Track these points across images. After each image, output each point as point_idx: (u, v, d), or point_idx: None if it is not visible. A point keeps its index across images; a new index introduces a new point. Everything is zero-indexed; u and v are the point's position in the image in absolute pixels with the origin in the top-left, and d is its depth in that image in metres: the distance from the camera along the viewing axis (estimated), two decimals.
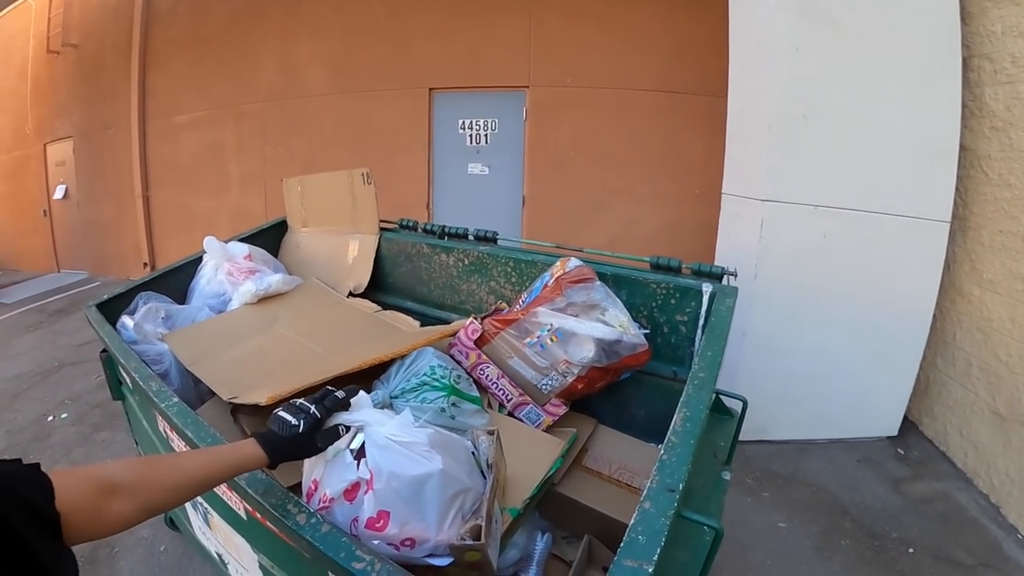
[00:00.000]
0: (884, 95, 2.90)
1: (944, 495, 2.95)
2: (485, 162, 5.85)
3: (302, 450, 1.09)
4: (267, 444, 1.04)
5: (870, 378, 3.26)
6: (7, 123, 9.83)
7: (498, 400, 1.82)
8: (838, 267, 3.10)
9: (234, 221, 6.81)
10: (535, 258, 2.07)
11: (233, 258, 2.43)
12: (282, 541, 1.18)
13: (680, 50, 5.14)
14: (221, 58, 6.90)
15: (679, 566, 1.22)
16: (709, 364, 1.34)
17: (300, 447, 1.08)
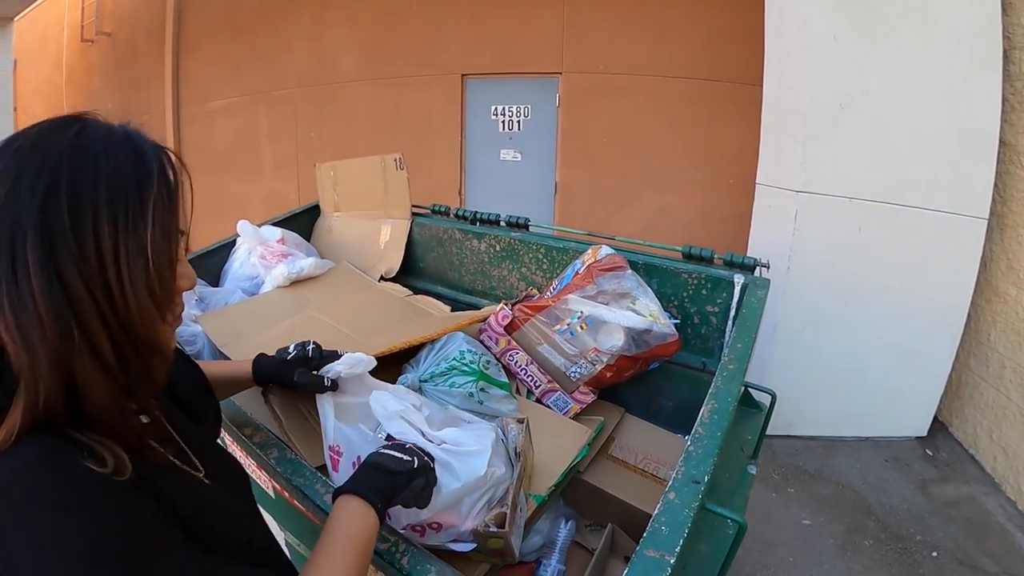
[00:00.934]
0: (922, 86, 2.84)
1: (971, 499, 2.90)
2: (518, 148, 5.85)
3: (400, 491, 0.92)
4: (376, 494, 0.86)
5: (901, 376, 3.22)
6: (43, 110, 10.02)
7: (527, 386, 1.82)
8: (872, 261, 3.05)
9: (267, 205, 6.89)
10: (567, 245, 2.06)
11: (266, 241, 2.45)
12: (308, 520, 1.20)
13: (715, 37, 5.08)
14: (254, 45, 6.97)
15: (701, 559, 1.22)
16: (739, 356, 1.33)
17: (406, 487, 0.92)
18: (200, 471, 0.77)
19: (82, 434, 0.60)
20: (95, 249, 0.58)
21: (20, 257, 0.56)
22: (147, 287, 0.62)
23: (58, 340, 0.57)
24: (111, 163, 0.61)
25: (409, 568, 0.92)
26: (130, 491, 0.60)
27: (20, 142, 0.60)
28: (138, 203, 0.61)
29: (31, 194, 0.57)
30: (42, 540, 0.54)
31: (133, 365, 0.63)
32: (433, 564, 0.93)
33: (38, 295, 0.56)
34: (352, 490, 0.85)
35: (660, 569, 0.78)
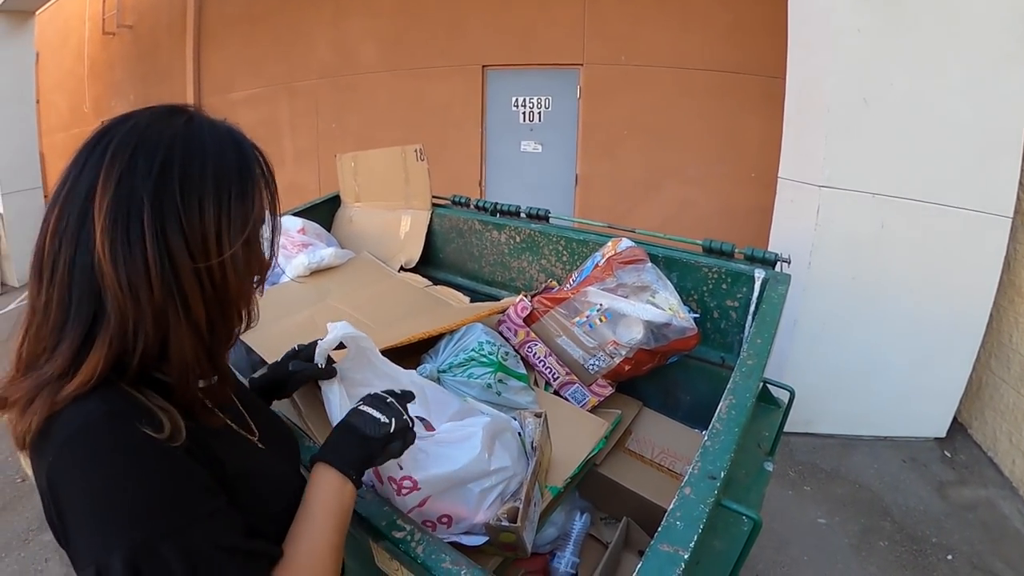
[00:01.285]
0: (947, 81, 2.79)
1: (988, 503, 2.87)
2: (538, 140, 5.84)
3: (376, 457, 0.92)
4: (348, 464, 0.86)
5: (921, 376, 3.18)
6: (65, 102, 10.16)
7: (545, 378, 1.83)
8: (895, 259, 3.02)
9: (288, 195, 6.83)
10: (587, 237, 2.06)
11: (287, 231, 2.47)
12: None
13: (737, 29, 5.04)
14: (274, 36, 7.00)
15: (715, 555, 1.22)
16: (758, 352, 1.32)
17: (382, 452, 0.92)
18: (255, 435, 0.85)
19: (147, 397, 0.67)
20: (200, 226, 0.66)
21: (135, 222, 0.63)
22: (243, 263, 0.72)
23: (162, 300, 0.65)
24: (216, 153, 0.70)
25: (424, 557, 0.93)
26: (181, 458, 0.66)
27: (136, 120, 0.68)
28: (240, 189, 0.71)
29: (147, 170, 0.64)
30: (93, 495, 0.60)
31: (219, 329, 0.73)
32: (448, 553, 0.93)
33: (150, 259, 0.63)
34: (327, 460, 0.85)
35: (674, 564, 0.78)
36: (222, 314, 0.72)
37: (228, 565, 0.65)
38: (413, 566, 0.96)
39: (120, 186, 0.63)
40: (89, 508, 0.60)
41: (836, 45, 2.86)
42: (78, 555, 0.61)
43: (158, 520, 0.61)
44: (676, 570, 0.78)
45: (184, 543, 0.61)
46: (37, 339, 0.66)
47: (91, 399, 0.63)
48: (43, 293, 0.65)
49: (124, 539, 0.59)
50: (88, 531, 0.60)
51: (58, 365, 0.64)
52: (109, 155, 0.65)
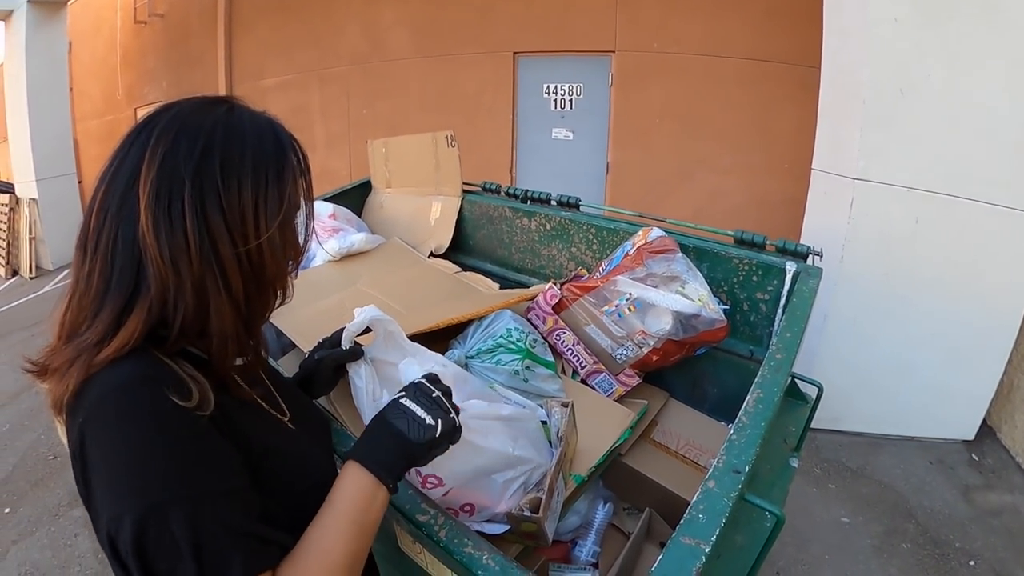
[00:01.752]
0: (985, 74, 2.71)
1: (1014, 509, 2.82)
2: (569, 127, 5.82)
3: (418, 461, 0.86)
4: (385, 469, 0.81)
5: (951, 376, 3.13)
6: (99, 90, 10.33)
7: (572, 366, 1.83)
8: (928, 255, 2.96)
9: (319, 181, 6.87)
10: (617, 226, 2.05)
11: (318, 216, 2.49)
12: None
13: (772, 16, 4.95)
14: (305, 23, 7.05)
15: (736, 549, 1.21)
16: (787, 346, 1.31)
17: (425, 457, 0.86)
18: (286, 415, 0.88)
19: (180, 367, 0.70)
20: (239, 205, 0.71)
21: (176, 199, 0.68)
22: (279, 243, 0.76)
23: (200, 270, 0.69)
24: (255, 139, 0.74)
25: (447, 541, 0.93)
26: (206, 428, 0.68)
27: (179, 107, 0.73)
28: (277, 174, 0.75)
29: (189, 152, 0.69)
30: (117, 455, 0.63)
31: (255, 303, 0.77)
32: (470, 538, 0.94)
33: (190, 233, 0.68)
34: (361, 460, 0.80)
35: (695, 557, 0.78)
36: (258, 289, 0.76)
37: (233, 547, 0.65)
38: (436, 550, 0.97)
39: (163, 165, 0.67)
40: (112, 467, 0.63)
41: (872, 35, 2.80)
42: (97, 514, 0.63)
43: (173, 488, 0.62)
44: (697, 563, 0.78)
45: (194, 515, 0.63)
46: (80, 308, 0.70)
47: (126, 363, 0.67)
48: (87, 263, 0.69)
49: (137, 501, 0.61)
50: (108, 490, 0.63)
51: (98, 331, 0.67)
52: (154, 138, 0.69)
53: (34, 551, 2.80)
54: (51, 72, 7.81)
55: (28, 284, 7.40)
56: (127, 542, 0.60)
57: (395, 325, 1.16)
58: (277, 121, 0.80)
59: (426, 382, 0.90)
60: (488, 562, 0.89)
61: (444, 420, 0.85)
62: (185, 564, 0.61)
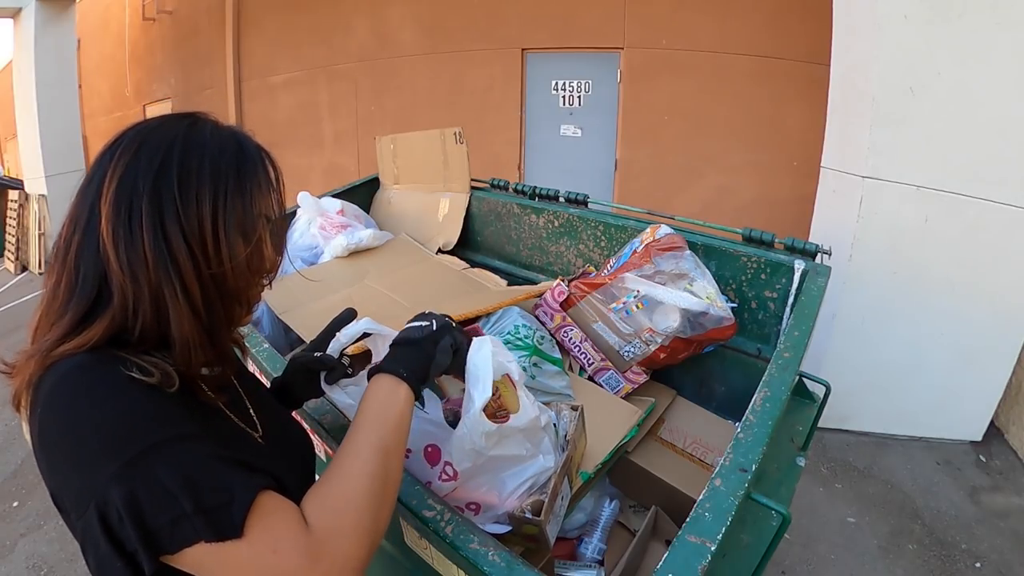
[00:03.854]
0: (995, 72, 2.68)
1: (1021, 511, 2.81)
2: (578, 124, 5.82)
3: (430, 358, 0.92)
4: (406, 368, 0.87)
5: (959, 377, 3.11)
6: (107, 87, 10.39)
7: (579, 363, 1.83)
8: (938, 255, 2.94)
9: (327, 177, 7.02)
10: (625, 223, 2.05)
11: (326, 213, 2.50)
12: None
13: (781, 13, 4.93)
14: (314, 20, 7.06)
15: (742, 548, 1.20)
16: (795, 344, 1.31)
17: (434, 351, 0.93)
18: (258, 431, 0.86)
19: (140, 358, 0.70)
20: (196, 214, 0.72)
21: (135, 212, 0.69)
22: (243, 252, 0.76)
23: (157, 279, 0.70)
24: (216, 150, 0.75)
25: (452, 537, 0.93)
26: (164, 393, 0.68)
27: (145, 124, 0.75)
28: (237, 185, 0.75)
29: (149, 164, 0.71)
30: (78, 432, 0.62)
31: (217, 311, 0.76)
32: (476, 534, 0.93)
33: (147, 242, 0.69)
34: (379, 368, 0.88)
35: (700, 555, 0.78)
36: (221, 299, 0.76)
37: (227, 471, 0.65)
38: (441, 546, 0.97)
39: (124, 179, 0.70)
40: (80, 442, 0.62)
41: (882, 32, 2.78)
42: (76, 504, 0.61)
43: (147, 437, 0.62)
44: (702, 562, 0.78)
45: (176, 455, 0.62)
46: (47, 316, 0.72)
47: (79, 355, 0.68)
48: (55, 274, 0.73)
49: (115, 464, 0.59)
50: (81, 467, 0.61)
51: (58, 332, 0.69)
52: (118, 153, 0.72)
53: (42, 544, 2.81)
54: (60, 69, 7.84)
55: (37, 280, 7.43)
56: (119, 509, 0.58)
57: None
58: (245, 134, 0.81)
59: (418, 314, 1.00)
60: (494, 558, 0.89)
61: (437, 320, 0.97)
62: (185, 506, 0.60)
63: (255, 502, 0.64)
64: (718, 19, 5.14)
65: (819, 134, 3.41)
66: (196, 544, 0.60)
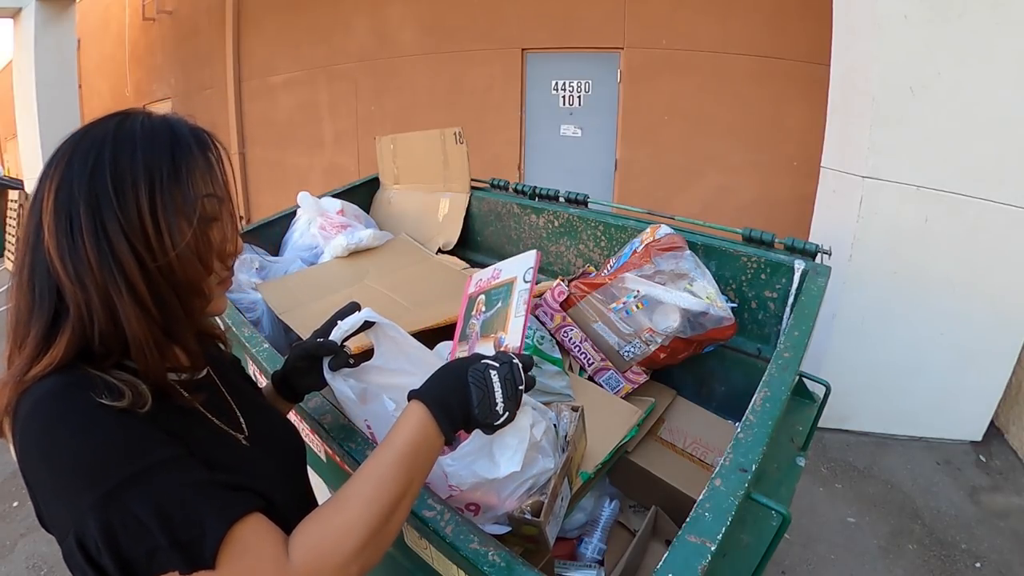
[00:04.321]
0: (996, 72, 2.68)
1: (1021, 511, 2.81)
2: (578, 124, 5.81)
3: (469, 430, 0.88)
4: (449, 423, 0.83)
5: (959, 377, 3.11)
6: (107, 87, 10.40)
7: (579, 363, 1.83)
8: (938, 255, 2.94)
9: (327, 177, 7.02)
10: (625, 223, 2.05)
11: (326, 213, 2.50)
12: None
13: (781, 13, 4.92)
14: (314, 20, 7.05)
15: (742, 548, 1.20)
16: (795, 344, 1.31)
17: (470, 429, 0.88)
18: (243, 432, 0.86)
19: (110, 374, 0.70)
20: (135, 206, 0.70)
21: (75, 217, 0.69)
22: (187, 238, 0.73)
23: (103, 281, 0.69)
24: (147, 140, 0.73)
25: (452, 537, 0.93)
26: (139, 417, 0.68)
27: (74, 132, 0.74)
28: (173, 167, 0.73)
29: (82, 169, 0.70)
30: (54, 462, 0.63)
31: (171, 305, 0.74)
32: (476, 534, 0.93)
33: (88, 246, 0.69)
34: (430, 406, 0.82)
35: (700, 555, 0.78)
36: (175, 293, 0.74)
37: (200, 503, 0.64)
38: (441, 546, 0.97)
39: (60, 191, 0.70)
40: (57, 471, 0.63)
41: (882, 32, 2.78)
42: (57, 528, 0.64)
43: (121, 470, 0.62)
44: (702, 562, 0.78)
45: (150, 488, 0.63)
46: (14, 339, 0.72)
47: (53, 376, 0.68)
48: (14, 297, 0.73)
49: (91, 496, 0.61)
50: (60, 496, 0.63)
51: (26, 355, 0.69)
52: (54, 166, 0.71)
53: (42, 544, 2.81)
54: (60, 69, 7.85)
55: None
56: (96, 539, 0.60)
57: (396, 330, 1.12)
58: (178, 119, 0.78)
59: (521, 368, 0.89)
60: (494, 558, 0.89)
61: (510, 416, 0.86)
62: (159, 540, 0.61)
63: (228, 535, 0.64)
64: (718, 19, 5.14)
65: (819, 134, 3.41)
66: (171, 574, 0.62)
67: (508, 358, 0.89)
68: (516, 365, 0.89)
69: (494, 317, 1.08)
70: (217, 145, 0.80)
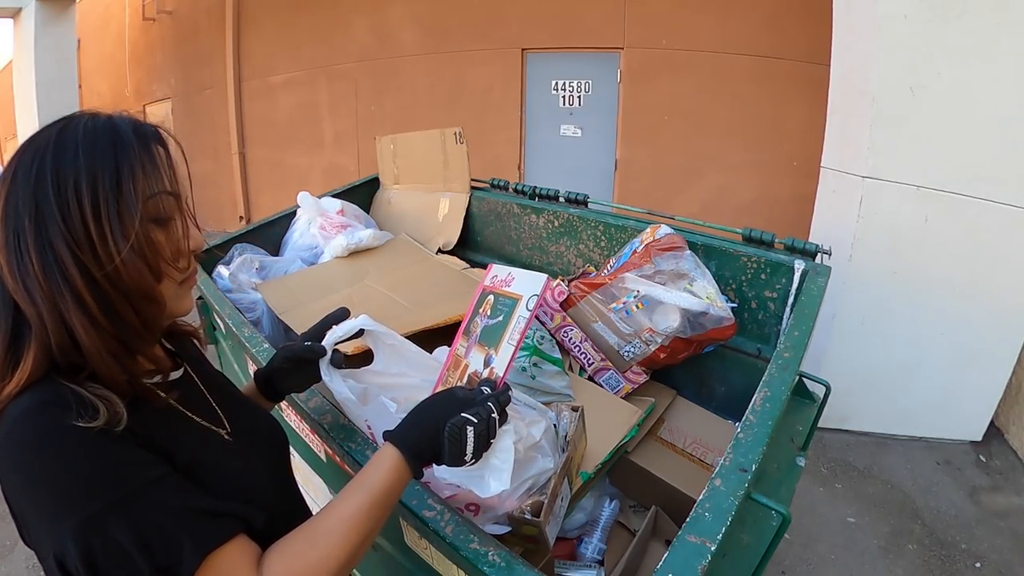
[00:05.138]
0: (996, 72, 2.68)
1: (1021, 511, 2.80)
2: (578, 124, 5.82)
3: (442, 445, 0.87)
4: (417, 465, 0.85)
5: (959, 377, 3.11)
6: (107, 86, 10.40)
7: (579, 363, 1.83)
8: (937, 255, 2.94)
9: (327, 177, 7.02)
10: (625, 223, 2.05)
11: (326, 213, 2.50)
12: None
13: (781, 13, 4.92)
14: (314, 20, 7.06)
15: (742, 548, 1.20)
16: (795, 344, 1.31)
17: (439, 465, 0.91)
18: (226, 428, 0.86)
19: (85, 388, 0.68)
20: (78, 213, 0.68)
21: (20, 230, 0.68)
22: (134, 242, 0.71)
23: (51, 294, 0.67)
24: (88, 141, 0.70)
25: (452, 537, 0.93)
26: (117, 438, 0.67)
27: (21, 145, 0.72)
28: (115, 169, 0.70)
29: (25, 182, 0.68)
30: (33, 486, 0.63)
31: (124, 314, 0.72)
32: (476, 535, 0.93)
33: (35, 259, 0.67)
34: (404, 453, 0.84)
35: (700, 555, 0.78)
36: (127, 300, 0.72)
37: (179, 531, 0.65)
38: (442, 546, 0.96)
39: (7, 205, 0.69)
40: (36, 496, 0.63)
41: (882, 32, 2.77)
42: (38, 549, 0.65)
43: (101, 495, 0.62)
44: (702, 562, 0.78)
45: (130, 514, 0.63)
46: None
47: (26, 394, 0.67)
48: None
49: (71, 521, 0.61)
50: (40, 519, 0.63)
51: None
52: (1, 179, 0.70)
53: None
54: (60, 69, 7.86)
55: None
56: (76, 563, 0.61)
57: (394, 337, 1.13)
58: (123, 118, 0.75)
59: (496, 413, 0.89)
60: (494, 558, 0.89)
61: (475, 458, 0.87)
62: (140, 565, 0.62)
63: (204, 562, 0.66)
64: (718, 19, 5.14)
65: (819, 134, 3.41)
66: None
67: (487, 413, 0.88)
68: (494, 420, 0.88)
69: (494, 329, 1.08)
70: (164, 140, 0.77)
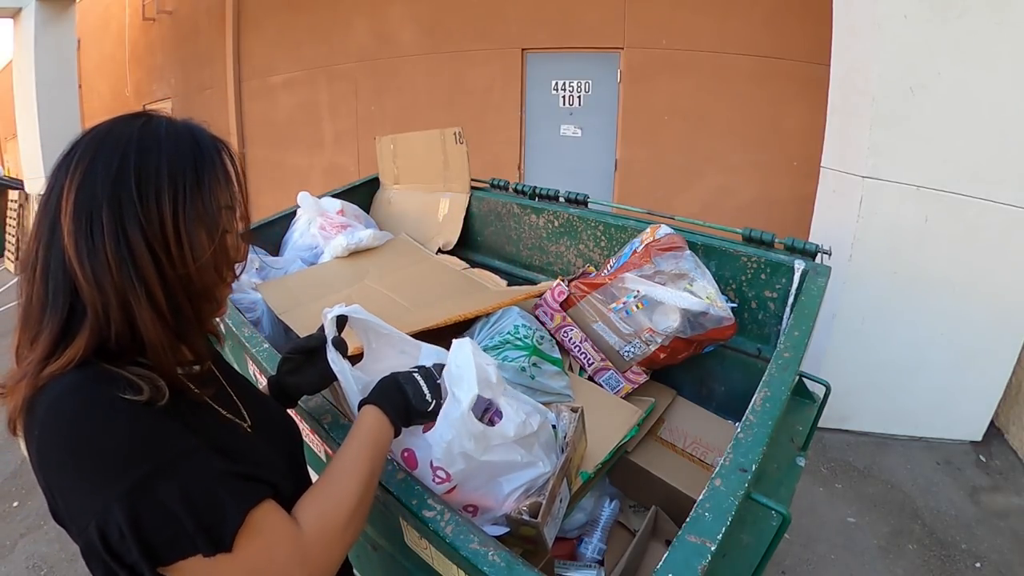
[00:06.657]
0: (996, 73, 2.68)
1: (1021, 511, 2.80)
2: (578, 124, 5.82)
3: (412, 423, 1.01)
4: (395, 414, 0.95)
5: (959, 377, 3.11)
6: (107, 87, 10.40)
7: (579, 364, 1.83)
8: (938, 255, 2.94)
9: (327, 177, 7.02)
10: (625, 223, 2.05)
11: (326, 213, 2.50)
12: None
13: (781, 13, 4.92)
14: (314, 20, 7.05)
15: (742, 548, 1.20)
16: (795, 344, 1.31)
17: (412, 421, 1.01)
18: (247, 422, 0.89)
19: (127, 370, 0.71)
20: (158, 215, 0.71)
21: (96, 219, 0.69)
22: (207, 251, 0.76)
23: (122, 286, 0.70)
24: (171, 148, 0.74)
25: (452, 537, 0.93)
26: (155, 412, 0.70)
27: (97, 130, 0.74)
28: (195, 180, 0.75)
29: (106, 171, 0.70)
30: (78, 455, 0.65)
31: (184, 310, 0.76)
32: (476, 535, 0.93)
33: (109, 250, 0.69)
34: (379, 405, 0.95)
35: (700, 555, 0.79)
36: (189, 299, 0.76)
37: (222, 492, 0.69)
38: (441, 545, 0.96)
39: (82, 189, 0.69)
40: (81, 465, 0.64)
41: (882, 32, 2.77)
42: (76, 520, 0.66)
43: (149, 461, 0.65)
44: (702, 562, 0.78)
45: (177, 477, 0.66)
46: (25, 333, 0.73)
47: (71, 373, 0.69)
48: (25, 291, 0.73)
49: (119, 486, 0.63)
50: (83, 489, 0.65)
51: (40, 351, 0.70)
52: (74, 163, 0.71)
53: (42, 544, 2.81)
54: (60, 69, 7.84)
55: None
56: (122, 528, 0.62)
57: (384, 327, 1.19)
58: (199, 127, 0.80)
59: (434, 371, 1.04)
60: (494, 558, 0.89)
61: (437, 403, 1.01)
62: (184, 524, 0.64)
63: (247, 519, 0.69)
64: (718, 19, 5.14)
65: (818, 134, 3.41)
66: (193, 557, 0.65)
67: (422, 365, 1.07)
68: (430, 368, 1.05)
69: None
70: (234, 155, 0.82)
